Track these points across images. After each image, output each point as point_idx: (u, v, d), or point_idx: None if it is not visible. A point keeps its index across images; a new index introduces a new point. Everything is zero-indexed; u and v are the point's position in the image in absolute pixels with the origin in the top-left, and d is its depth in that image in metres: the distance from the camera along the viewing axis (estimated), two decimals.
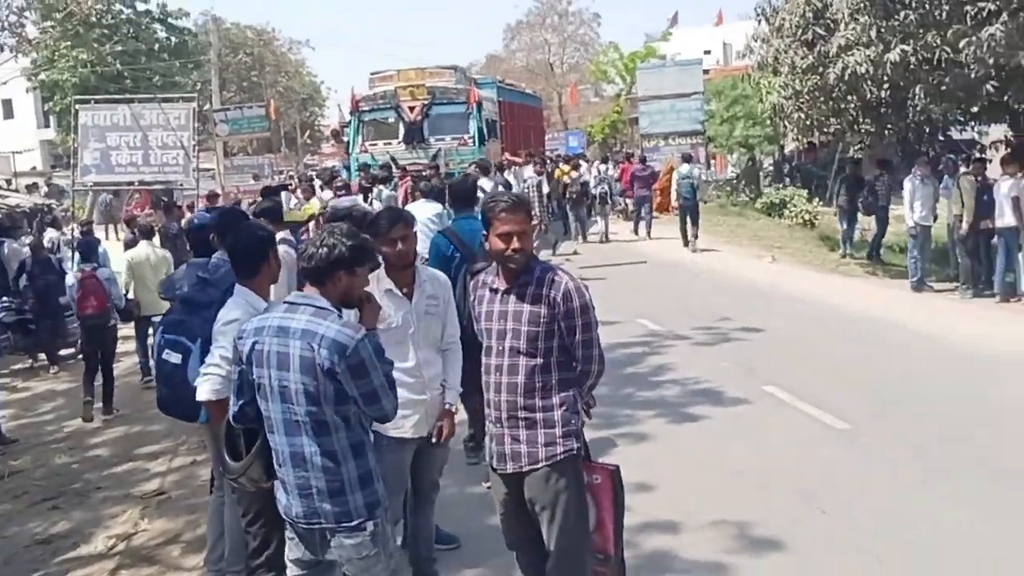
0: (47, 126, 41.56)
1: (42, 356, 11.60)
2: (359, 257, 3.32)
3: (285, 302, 3.34)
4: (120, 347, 9.92)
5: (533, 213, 13.40)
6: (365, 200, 13.26)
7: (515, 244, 3.50)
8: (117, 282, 9.60)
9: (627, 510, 3.86)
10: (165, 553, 5.68)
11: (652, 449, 6.39)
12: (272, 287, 4.21)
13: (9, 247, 12.62)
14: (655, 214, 20.37)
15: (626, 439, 6.54)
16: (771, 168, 28.36)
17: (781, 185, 24.48)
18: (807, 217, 20.64)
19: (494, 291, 3.62)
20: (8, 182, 22.28)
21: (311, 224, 10.25)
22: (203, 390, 3.86)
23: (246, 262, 4.05)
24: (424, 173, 14.49)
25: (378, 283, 4.04)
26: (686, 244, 17.08)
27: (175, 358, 4.38)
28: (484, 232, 3.64)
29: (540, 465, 3.51)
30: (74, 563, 5.67)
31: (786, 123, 17.25)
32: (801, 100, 15.67)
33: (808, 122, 16.32)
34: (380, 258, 4.09)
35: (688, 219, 17.16)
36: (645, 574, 4.51)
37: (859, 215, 16.56)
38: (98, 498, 6.72)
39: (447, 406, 4.32)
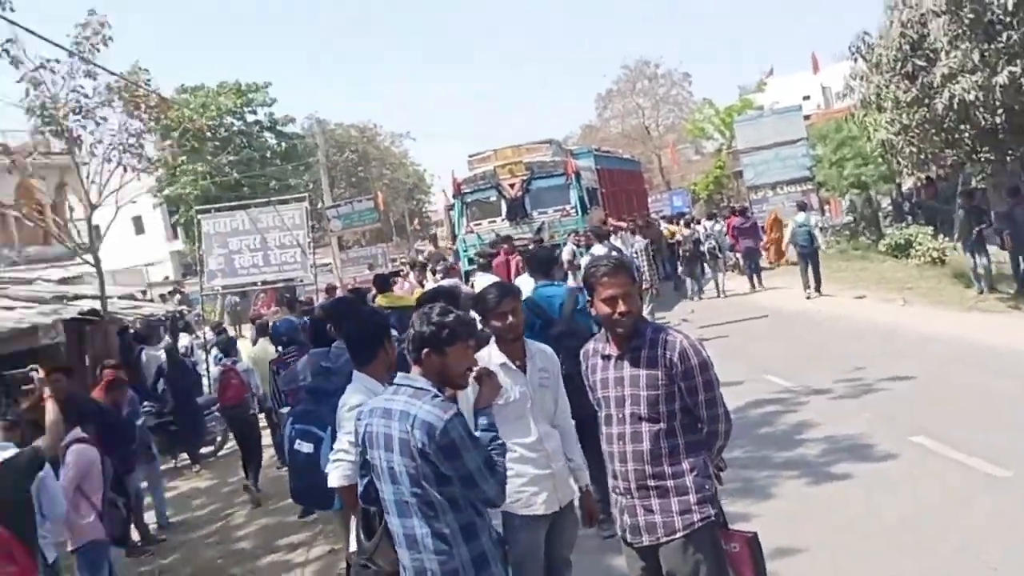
0: (175, 237, 44.20)
1: (184, 456, 12.05)
2: (446, 335, 3.28)
3: (392, 384, 3.37)
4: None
5: (644, 276, 13.49)
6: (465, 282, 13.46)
7: (621, 307, 3.44)
8: (255, 374, 10.04)
9: (770, 571, 3.65)
10: None
11: (795, 511, 6.06)
12: None
13: (147, 354, 13.27)
14: (770, 264, 20.11)
15: (766, 503, 6.24)
16: (890, 208, 27.33)
17: (904, 224, 23.50)
18: (935, 255, 19.65)
19: (606, 358, 3.55)
20: (143, 293, 23.56)
21: None
22: (334, 477, 3.90)
23: (362, 349, 4.10)
24: (528, 246, 14.61)
25: (491, 358, 4.05)
26: (807, 293, 16.83)
27: (307, 448, 4.46)
28: (589, 299, 3.60)
29: (677, 535, 3.38)
30: None
31: (899, 159, 16.66)
32: (911, 134, 15.14)
33: (922, 156, 15.74)
34: (490, 333, 4.11)
35: (808, 267, 16.94)
36: None
37: (987, 247, 15.68)
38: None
39: (583, 487, 4.24)
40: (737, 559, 3.43)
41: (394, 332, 4.53)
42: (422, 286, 14.66)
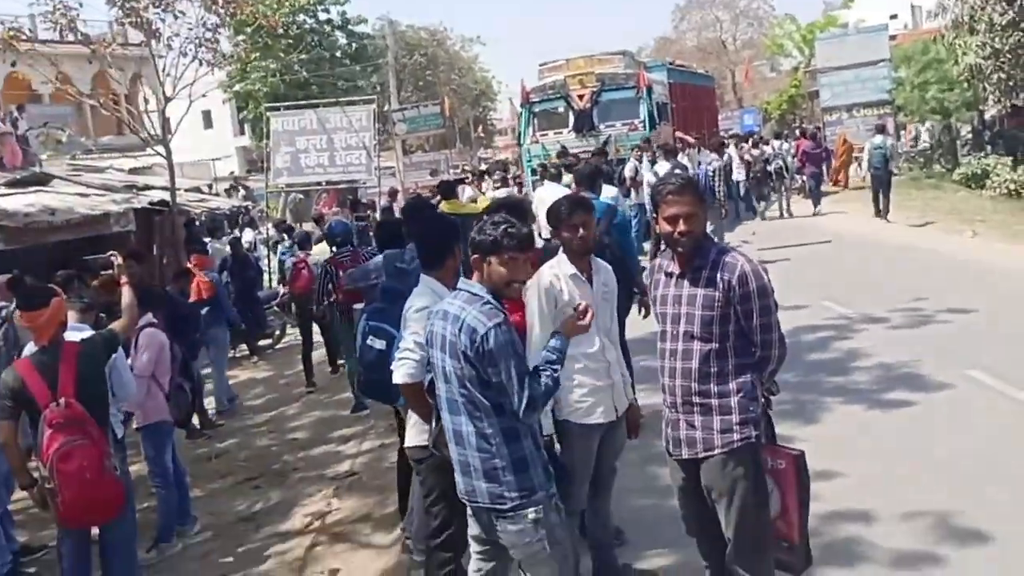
0: (242, 133, 44.61)
1: (243, 347, 12.45)
2: (492, 245, 3.31)
3: (458, 288, 3.44)
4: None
5: (717, 196, 13.32)
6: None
7: (682, 227, 3.42)
8: None
9: (817, 498, 3.70)
10: (356, 531, 5.97)
11: (844, 436, 6.05)
12: None
13: (212, 247, 13.63)
14: (835, 187, 19.86)
15: (816, 426, 6.23)
16: (969, 136, 26.25)
17: (983, 154, 22.59)
18: (1013, 187, 18.93)
19: (669, 275, 3.56)
20: (209, 187, 24.02)
21: None
22: (398, 374, 4.01)
23: (430, 252, 4.18)
24: (581, 159, 14.43)
25: (560, 267, 4.10)
26: (877, 214, 16.81)
27: (379, 344, 4.58)
28: (654, 215, 3.57)
29: (716, 452, 3.42)
30: (274, 539, 6.06)
31: (986, 85, 15.97)
32: (1002, 59, 14.51)
33: (1011, 82, 15.07)
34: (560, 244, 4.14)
35: (880, 191, 16.87)
36: (836, 563, 4.32)
37: None
38: (295, 478, 7.15)
39: (632, 400, 4.32)
40: (781, 476, 3.47)
41: None
42: (483, 194, 14.69)
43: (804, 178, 20.82)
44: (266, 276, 14.83)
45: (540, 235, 7.48)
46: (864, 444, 5.92)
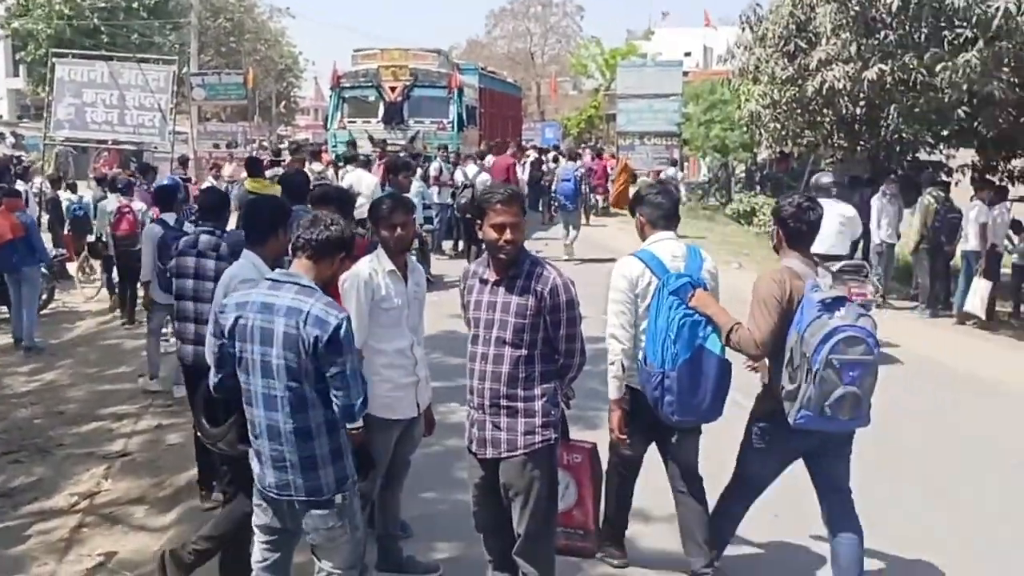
0: (16, 75, 40.70)
1: (3, 308, 11.44)
2: (337, 245, 3.43)
3: (268, 279, 3.42)
4: None
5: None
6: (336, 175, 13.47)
7: (508, 235, 3.60)
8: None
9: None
10: (128, 513, 5.71)
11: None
12: None
13: None
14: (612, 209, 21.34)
15: (597, 431, 6.60)
16: (743, 175, 28.67)
17: (752, 193, 24.77)
18: None
19: (484, 282, 3.72)
20: None
21: None
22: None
23: (259, 229, 4.26)
24: (401, 154, 14.62)
25: (379, 262, 4.17)
26: None
27: None
28: (479, 222, 3.72)
29: (518, 453, 3.63)
30: (36, 517, 5.67)
31: (762, 131, 17.46)
32: (778, 110, 15.87)
33: (783, 132, 16.55)
34: (379, 240, 4.22)
35: None
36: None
37: None
38: (61, 455, 6.70)
39: (428, 399, 4.46)
40: (578, 469, 3.78)
41: None
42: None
43: (597, 197, 22.05)
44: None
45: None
46: None
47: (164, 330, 8.56)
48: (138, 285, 9.48)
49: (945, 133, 15.27)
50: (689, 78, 31.59)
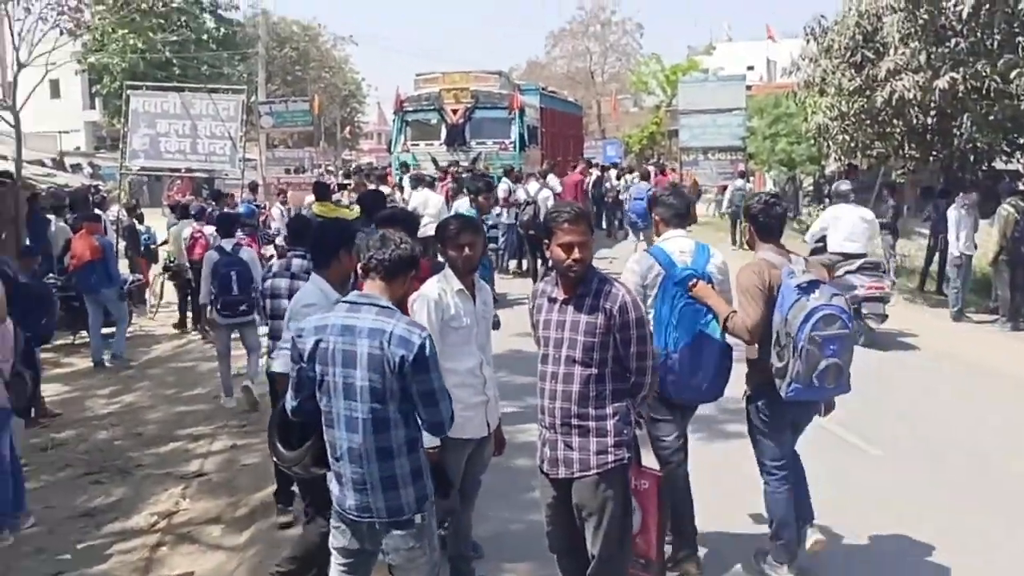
0: (93, 107, 42.24)
1: (83, 333, 11.80)
2: (410, 263, 3.46)
3: (345, 301, 3.43)
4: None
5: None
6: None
7: (576, 254, 3.59)
8: None
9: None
10: (205, 532, 5.82)
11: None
12: None
13: (56, 225, 12.87)
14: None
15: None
16: (810, 188, 28.18)
17: (821, 206, 24.29)
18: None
19: (552, 300, 3.71)
20: (54, 161, 22.62)
21: None
22: (279, 363, 4.00)
23: (322, 252, 4.35)
24: (462, 175, 14.86)
25: (448, 282, 4.20)
26: (734, 244, 19.06)
27: None
28: (546, 240, 3.72)
29: (591, 473, 3.59)
30: (117, 536, 5.82)
31: (830, 144, 17.17)
32: (847, 122, 15.61)
33: (852, 144, 16.25)
34: (446, 261, 4.25)
35: (737, 224, 19.21)
36: None
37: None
38: (140, 475, 6.87)
39: (499, 418, 4.46)
40: (644, 496, 3.70)
41: None
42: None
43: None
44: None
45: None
46: (699, 472, 6.24)
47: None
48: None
49: (1022, 141, 14.81)
50: (752, 92, 31.26)
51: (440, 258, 4.62)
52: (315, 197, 11.17)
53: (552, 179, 17.30)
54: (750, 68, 40.80)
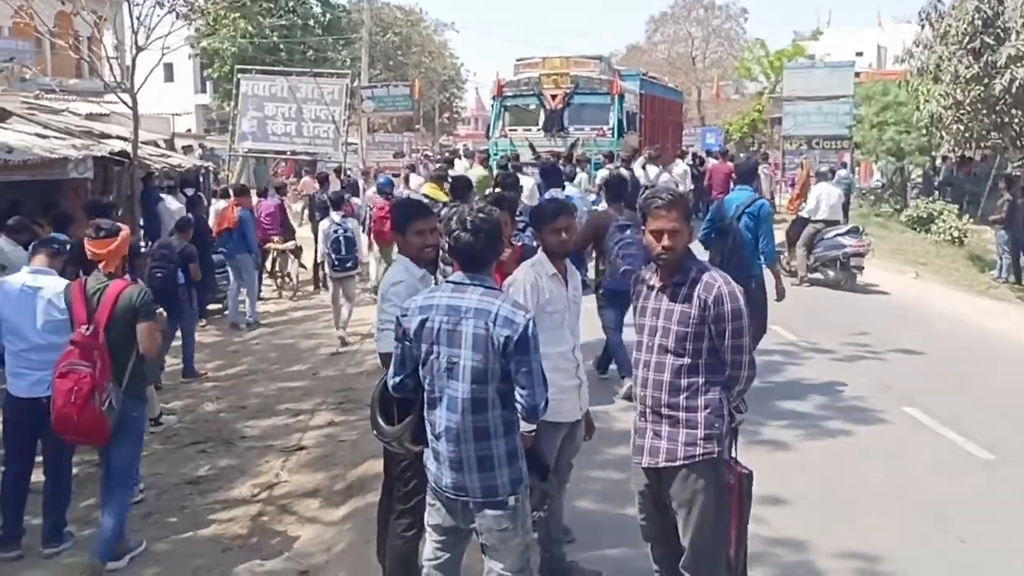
0: (204, 91, 43.76)
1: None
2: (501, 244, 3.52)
3: (449, 281, 3.46)
4: None
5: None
6: None
7: (666, 241, 3.53)
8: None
9: (755, 520, 3.85)
10: (303, 505, 6.01)
11: (784, 461, 6.25)
12: None
13: (166, 205, 13.41)
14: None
15: (758, 448, 6.30)
16: (919, 180, 27.07)
17: (931, 199, 23.33)
18: (956, 234, 19.60)
19: (650, 287, 3.67)
20: (166, 142, 23.50)
21: None
22: (383, 344, 4.08)
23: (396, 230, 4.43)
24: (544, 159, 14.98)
25: (542, 266, 4.22)
26: None
27: None
28: (642, 227, 3.69)
29: (677, 463, 3.55)
30: (219, 505, 6.06)
31: (943, 133, 16.52)
32: (962, 111, 15.01)
33: (968, 134, 15.64)
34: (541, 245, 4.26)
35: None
36: None
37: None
38: (243, 447, 7.13)
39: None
40: (728, 493, 3.61)
41: None
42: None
43: None
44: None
45: None
46: (803, 471, 6.12)
47: None
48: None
49: None
50: (861, 79, 30.16)
51: (534, 242, 4.62)
52: (442, 182, 11.55)
53: (679, 164, 17.29)
54: (859, 55, 39.37)
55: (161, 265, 8.79)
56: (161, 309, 5.63)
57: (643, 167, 16.10)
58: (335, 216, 10.80)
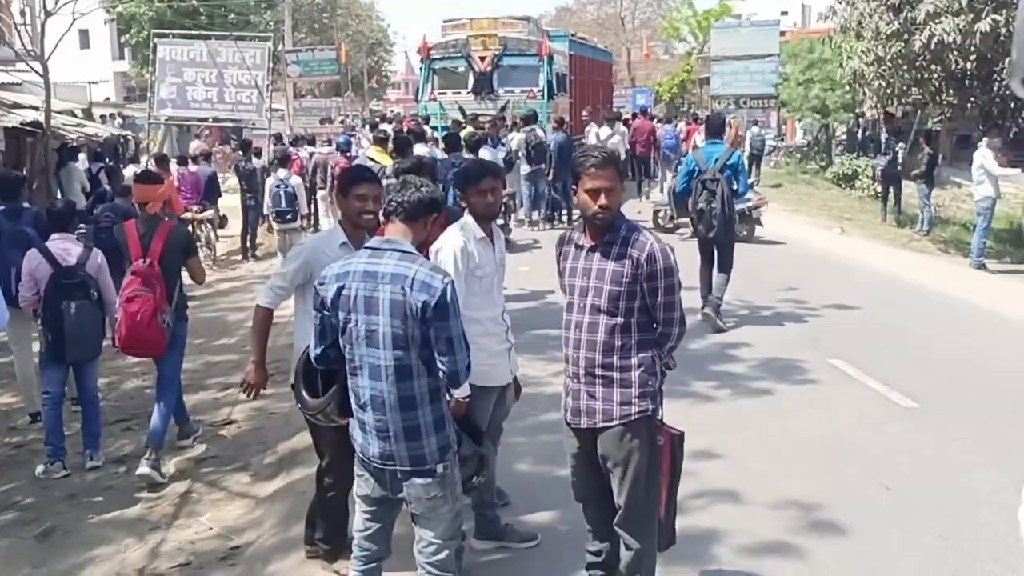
0: (122, 58, 42.22)
1: None
2: (443, 207, 3.41)
3: (367, 247, 3.38)
4: None
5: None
6: None
7: (602, 200, 3.49)
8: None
9: (688, 475, 3.88)
10: (233, 480, 5.89)
11: (715, 416, 6.34)
12: None
13: (71, 168, 13.07)
14: None
15: (688, 405, 6.44)
16: (844, 137, 27.61)
17: (854, 155, 23.82)
18: (879, 190, 20.08)
19: (579, 247, 3.63)
20: (84, 111, 22.66)
21: None
22: (260, 295, 4.41)
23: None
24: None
25: (470, 230, 4.13)
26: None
27: None
28: (573, 187, 3.63)
29: (614, 423, 3.54)
30: (146, 482, 5.88)
31: (865, 90, 16.81)
32: (883, 67, 15.25)
33: (889, 90, 15.91)
34: (466, 208, 4.18)
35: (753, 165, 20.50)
36: (700, 544, 4.46)
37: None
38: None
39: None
40: (659, 453, 3.62)
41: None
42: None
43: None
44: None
45: None
46: (733, 426, 6.20)
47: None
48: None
49: None
50: (786, 38, 30.52)
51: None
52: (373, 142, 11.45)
53: (619, 126, 17.63)
54: (784, 13, 39.81)
55: (107, 226, 8.69)
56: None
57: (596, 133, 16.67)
58: (281, 173, 11.89)
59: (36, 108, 12.93)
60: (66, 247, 5.98)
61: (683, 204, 9.11)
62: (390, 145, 9.90)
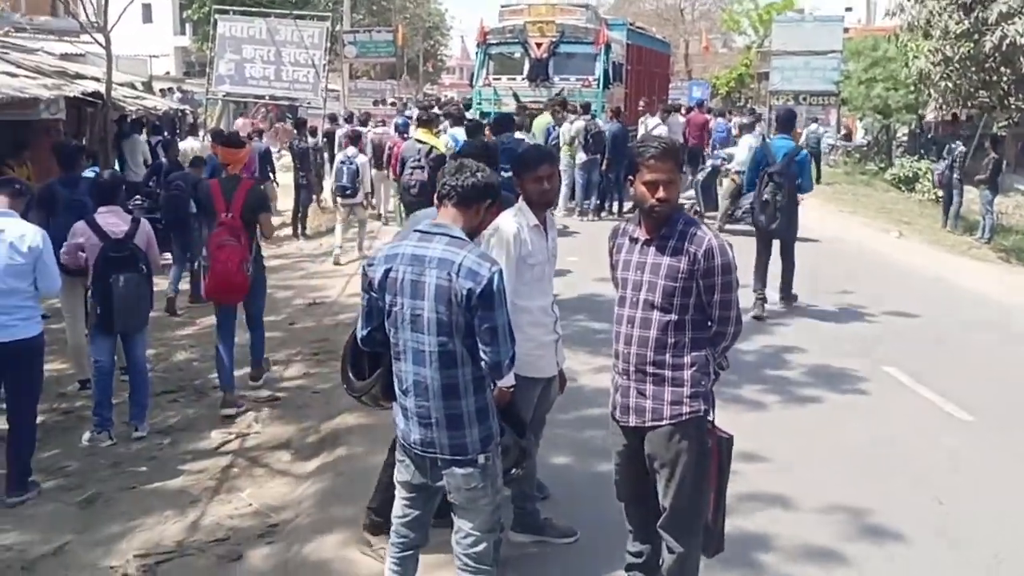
0: (183, 33, 42.80)
1: (167, 255, 12.02)
2: (494, 193, 3.35)
3: (417, 231, 3.31)
4: None
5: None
6: None
7: (660, 193, 3.39)
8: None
9: (736, 479, 3.79)
10: (275, 457, 5.90)
11: (764, 421, 6.21)
12: None
13: (133, 141, 13.25)
14: None
15: (737, 408, 6.27)
16: (905, 138, 26.94)
17: (916, 157, 23.23)
18: (940, 194, 19.57)
19: (634, 240, 3.53)
20: (145, 84, 22.98)
21: None
22: None
23: None
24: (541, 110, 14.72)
25: (524, 216, 4.04)
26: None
27: None
28: (630, 178, 3.53)
29: (663, 423, 3.44)
30: (189, 455, 5.94)
31: (931, 91, 16.36)
32: (950, 68, 14.83)
33: (955, 92, 15.45)
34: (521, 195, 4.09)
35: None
36: (747, 549, 4.37)
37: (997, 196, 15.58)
38: (216, 396, 6.98)
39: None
40: (708, 456, 3.51)
41: None
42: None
43: None
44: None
45: None
46: (783, 431, 6.07)
47: None
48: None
49: None
50: (850, 34, 29.85)
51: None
52: (418, 125, 11.30)
53: (676, 117, 17.57)
54: (848, 9, 38.97)
55: (176, 194, 9.71)
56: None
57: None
58: (349, 151, 12.09)
59: (97, 79, 13.09)
60: (114, 220, 6.02)
61: (711, 198, 9.16)
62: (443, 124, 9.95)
